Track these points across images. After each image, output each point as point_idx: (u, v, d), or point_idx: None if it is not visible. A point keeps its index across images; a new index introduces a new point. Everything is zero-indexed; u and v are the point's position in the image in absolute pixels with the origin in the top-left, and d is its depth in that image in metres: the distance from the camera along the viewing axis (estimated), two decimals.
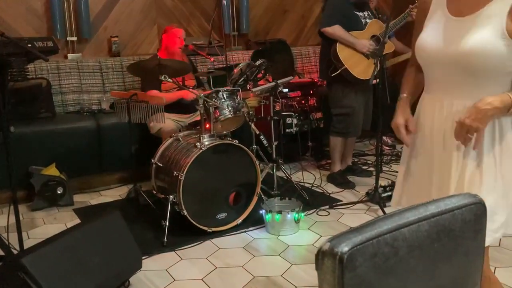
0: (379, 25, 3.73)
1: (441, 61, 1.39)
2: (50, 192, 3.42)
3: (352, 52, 3.59)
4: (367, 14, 3.75)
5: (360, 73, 3.59)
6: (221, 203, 2.98)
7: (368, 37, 3.66)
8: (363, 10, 3.74)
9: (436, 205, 0.77)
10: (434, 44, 1.40)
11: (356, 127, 3.77)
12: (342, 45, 3.59)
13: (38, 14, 4.15)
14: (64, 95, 4.10)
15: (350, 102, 3.71)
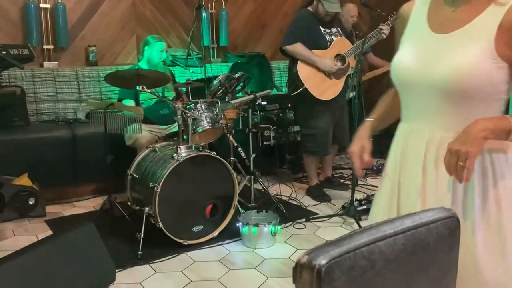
0: (345, 43, 3.65)
1: (421, 84, 1.18)
2: (21, 203, 3.33)
3: (314, 71, 3.54)
4: (335, 31, 3.68)
5: (321, 93, 3.53)
6: (198, 216, 2.95)
7: (332, 55, 3.59)
8: (332, 27, 3.67)
9: (412, 219, 0.78)
10: (413, 64, 1.21)
11: (324, 147, 3.71)
12: (303, 63, 3.54)
13: (13, 21, 4.08)
14: (39, 103, 4.02)
15: (316, 122, 3.66)
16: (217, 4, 4.95)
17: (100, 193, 3.84)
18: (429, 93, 1.17)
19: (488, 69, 1.11)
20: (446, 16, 1.20)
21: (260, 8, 5.25)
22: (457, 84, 1.13)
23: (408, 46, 1.25)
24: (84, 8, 4.34)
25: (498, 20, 1.11)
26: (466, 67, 1.12)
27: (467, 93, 1.13)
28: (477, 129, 1.07)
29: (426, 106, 1.20)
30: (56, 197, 3.73)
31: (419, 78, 1.19)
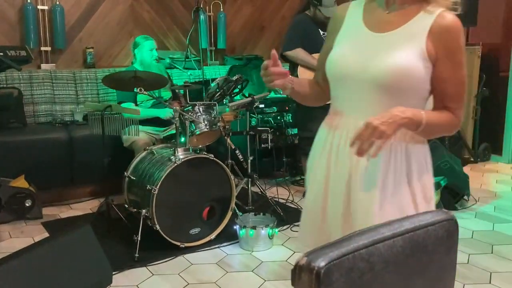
0: None
1: (358, 77, 1.28)
2: (18, 205, 3.32)
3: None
4: None
5: None
6: (195, 218, 2.94)
7: None
8: None
9: (411, 221, 0.79)
10: (352, 59, 1.31)
11: None
12: (303, 68, 3.55)
13: (11, 23, 4.07)
14: (36, 105, 4.01)
15: (314, 125, 3.65)
16: (215, 6, 4.96)
17: (97, 195, 3.82)
18: (366, 86, 1.27)
19: (419, 68, 1.24)
20: (381, 17, 1.32)
21: (258, 11, 5.25)
22: (393, 79, 1.23)
23: (346, 43, 1.35)
24: (82, 10, 4.34)
25: (428, 25, 1.25)
26: (401, 65, 1.23)
27: (401, 87, 1.24)
28: (399, 115, 1.17)
29: (362, 99, 1.30)
30: (53, 199, 3.71)
31: (357, 72, 1.28)
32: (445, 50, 1.24)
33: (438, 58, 1.25)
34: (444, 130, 1.34)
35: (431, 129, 1.26)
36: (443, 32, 1.24)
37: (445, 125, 1.29)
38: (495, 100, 4.91)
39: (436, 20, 1.25)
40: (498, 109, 4.91)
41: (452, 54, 1.25)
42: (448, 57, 1.24)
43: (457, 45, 1.25)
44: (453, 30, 1.24)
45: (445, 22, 1.24)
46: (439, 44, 1.24)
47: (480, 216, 3.47)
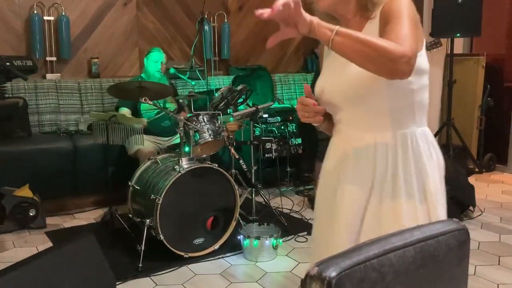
0: None
1: (336, 96, 1.32)
2: (22, 214, 3.31)
3: None
4: None
5: None
6: (199, 228, 2.93)
7: None
8: None
9: (421, 230, 0.78)
10: (328, 83, 1.35)
11: None
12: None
13: (17, 33, 4.10)
14: (41, 115, 4.03)
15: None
16: (220, 17, 4.99)
17: (101, 205, 3.82)
18: (344, 104, 1.31)
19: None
20: None
21: (262, 22, 5.27)
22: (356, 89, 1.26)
23: (324, 68, 1.41)
24: (88, 21, 4.37)
25: (376, 28, 1.24)
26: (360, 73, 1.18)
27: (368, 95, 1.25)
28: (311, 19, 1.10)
29: (344, 115, 1.35)
30: (57, 208, 3.71)
31: (332, 93, 1.32)
32: (385, 15, 1.21)
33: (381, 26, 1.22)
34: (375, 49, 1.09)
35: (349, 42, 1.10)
36: (384, 13, 1.23)
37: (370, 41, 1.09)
38: (499, 110, 4.90)
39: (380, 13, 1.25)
40: (503, 119, 4.90)
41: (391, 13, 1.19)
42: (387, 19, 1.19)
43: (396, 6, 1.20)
44: (390, 2, 1.22)
45: (384, 5, 1.23)
46: (382, 16, 1.22)
47: (486, 227, 3.44)
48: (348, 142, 1.35)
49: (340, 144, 1.38)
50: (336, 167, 1.37)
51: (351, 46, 1.10)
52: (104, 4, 4.41)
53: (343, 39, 1.09)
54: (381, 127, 1.29)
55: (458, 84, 4.66)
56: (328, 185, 1.40)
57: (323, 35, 1.10)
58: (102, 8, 4.41)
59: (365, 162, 1.30)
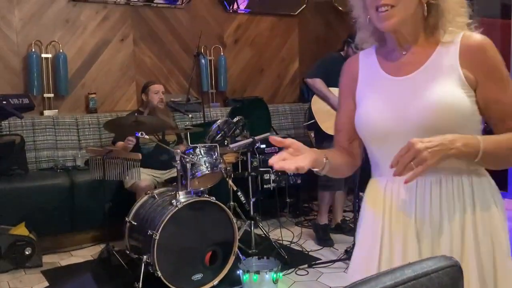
0: None
1: (399, 130, 1.15)
2: (18, 253, 3.27)
3: (327, 108, 3.63)
4: None
5: (329, 127, 3.61)
6: (197, 263, 2.88)
7: None
8: None
9: (413, 268, 0.76)
10: (386, 113, 1.17)
11: (338, 181, 3.69)
12: (318, 97, 3.68)
13: (15, 71, 4.15)
14: (38, 151, 4.03)
15: None
16: (216, 50, 5.06)
17: (98, 241, 3.77)
18: (410, 137, 1.08)
19: (462, 97, 1.13)
20: (399, 59, 1.21)
21: (258, 54, 5.35)
22: (438, 117, 1.12)
23: (372, 96, 1.22)
24: (85, 57, 4.43)
25: (456, 51, 1.14)
26: (443, 98, 1.12)
27: (449, 125, 1.11)
28: (448, 144, 1.05)
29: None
30: (53, 246, 3.66)
31: (396, 125, 1.15)
32: (484, 71, 1.13)
33: (479, 82, 1.14)
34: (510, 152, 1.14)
35: (495, 155, 1.11)
36: (475, 53, 1.14)
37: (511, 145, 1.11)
38: None
39: (462, 43, 1.15)
40: None
41: (492, 72, 1.14)
42: (489, 76, 1.13)
43: (494, 61, 1.14)
44: (484, 48, 1.14)
45: (472, 43, 1.14)
46: (476, 66, 1.13)
47: None
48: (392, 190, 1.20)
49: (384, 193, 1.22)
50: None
51: (495, 158, 1.13)
52: (101, 41, 4.48)
53: (485, 155, 1.09)
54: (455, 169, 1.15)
55: None
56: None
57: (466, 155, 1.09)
58: (99, 45, 4.48)
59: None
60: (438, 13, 1.15)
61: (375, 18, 1.15)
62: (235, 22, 5.18)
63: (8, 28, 4.10)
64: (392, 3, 1.11)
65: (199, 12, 4.95)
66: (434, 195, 1.17)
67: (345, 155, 1.31)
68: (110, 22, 4.52)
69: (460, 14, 1.17)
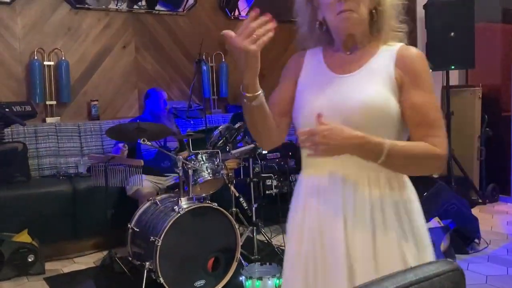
0: None
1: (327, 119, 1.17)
2: (20, 260, 3.27)
3: None
4: None
5: None
6: (199, 270, 2.88)
7: None
8: None
9: (414, 273, 0.76)
10: (322, 102, 1.25)
11: None
12: None
13: (18, 79, 4.17)
14: (41, 158, 4.04)
15: None
16: (217, 57, 5.08)
17: (101, 248, 3.76)
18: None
19: (390, 101, 1.22)
20: (343, 59, 1.31)
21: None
22: (367, 115, 1.19)
23: (310, 86, 1.31)
24: (87, 64, 4.45)
25: (394, 55, 1.26)
26: (373, 98, 1.21)
27: (374, 125, 1.19)
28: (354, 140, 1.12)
29: None
30: (56, 253, 3.66)
31: (330, 116, 1.18)
32: (410, 77, 1.23)
33: (404, 85, 1.23)
34: (422, 163, 1.19)
35: (401, 160, 1.15)
36: (408, 59, 1.25)
37: (422, 155, 1.17)
38: (499, 140, 4.89)
39: (400, 50, 1.27)
40: (503, 149, 4.89)
41: (417, 79, 1.22)
42: (413, 83, 1.22)
43: (422, 71, 1.24)
44: (416, 58, 1.25)
45: (409, 52, 1.26)
46: (405, 72, 1.23)
47: (493, 260, 3.37)
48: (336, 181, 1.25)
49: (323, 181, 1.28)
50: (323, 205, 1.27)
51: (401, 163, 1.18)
52: (103, 48, 4.51)
53: (389, 159, 1.14)
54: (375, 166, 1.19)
55: (456, 116, 4.68)
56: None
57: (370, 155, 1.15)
58: (101, 52, 4.50)
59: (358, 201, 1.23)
60: (383, 19, 1.27)
61: (337, 21, 1.25)
62: (236, 28, 5.16)
63: (10, 36, 4.13)
64: (353, 8, 1.22)
65: (200, 19, 4.97)
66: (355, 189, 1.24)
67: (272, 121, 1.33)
68: (112, 30, 4.54)
69: (399, 20, 1.30)
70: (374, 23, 1.27)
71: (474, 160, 4.86)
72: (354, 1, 1.22)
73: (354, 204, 1.23)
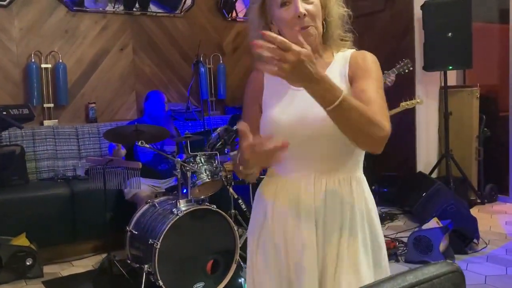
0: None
1: (302, 133, 1.25)
2: (18, 264, 3.25)
3: None
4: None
5: None
6: (198, 272, 2.87)
7: None
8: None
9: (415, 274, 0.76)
10: (290, 117, 1.28)
11: None
12: None
13: (15, 82, 4.16)
14: (38, 161, 4.03)
15: None
16: (215, 58, 5.07)
17: (99, 251, 3.75)
18: (307, 139, 1.26)
19: None
20: None
21: None
22: (333, 127, 1.16)
23: (276, 105, 1.33)
24: (85, 67, 4.44)
25: (347, 59, 1.32)
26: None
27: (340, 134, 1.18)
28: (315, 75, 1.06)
29: (307, 156, 1.29)
30: (54, 256, 3.64)
31: (299, 128, 1.26)
32: (361, 70, 1.29)
33: (356, 77, 1.28)
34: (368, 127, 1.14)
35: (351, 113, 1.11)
36: (360, 58, 1.32)
37: (370, 118, 1.14)
38: (497, 140, 4.90)
39: (353, 52, 1.35)
40: (501, 149, 4.89)
41: (366, 72, 1.28)
42: (363, 75, 1.28)
43: (374, 67, 1.30)
44: (368, 57, 1.32)
45: (362, 53, 1.34)
46: (357, 66, 1.30)
47: (492, 260, 3.37)
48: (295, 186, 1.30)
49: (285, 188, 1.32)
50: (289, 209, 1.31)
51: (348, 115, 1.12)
52: (101, 50, 4.50)
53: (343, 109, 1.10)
54: (332, 170, 1.29)
55: (454, 116, 4.68)
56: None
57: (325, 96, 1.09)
58: (99, 54, 4.49)
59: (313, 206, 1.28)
60: (331, 29, 1.34)
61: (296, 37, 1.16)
62: (234, 30, 5.20)
63: (7, 38, 4.12)
64: (311, 23, 1.27)
65: (198, 20, 4.97)
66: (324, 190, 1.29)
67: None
68: (109, 32, 4.54)
69: (346, 29, 1.37)
70: (324, 33, 1.33)
71: (472, 160, 4.86)
72: (311, 16, 1.26)
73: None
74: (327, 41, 1.35)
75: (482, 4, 4.94)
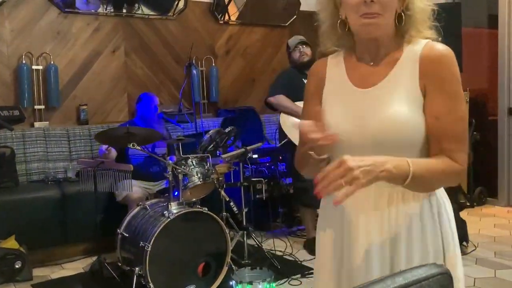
0: None
1: (356, 140, 1.16)
2: (7, 267, 3.22)
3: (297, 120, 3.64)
4: None
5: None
6: (189, 275, 2.87)
7: None
8: None
9: (404, 276, 0.77)
10: (346, 122, 1.19)
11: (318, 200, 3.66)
12: (286, 115, 3.62)
13: (6, 83, 4.13)
14: (29, 163, 4.00)
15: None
16: (207, 61, 5.08)
17: (90, 253, 3.73)
18: (366, 148, 1.12)
19: (417, 115, 1.13)
20: (366, 70, 1.22)
21: (249, 65, 5.38)
22: (391, 133, 1.12)
23: (335, 105, 1.24)
24: (76, 69, 4.42)
25: (417, 61, 1.16)
26: (397, 115, 1.12)
27: (402, 141, 1.12)
28: (381, 167, 1.02)
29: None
30: (44, 259, 3.62)
31: (355, 137, 1.16)
32: (436, 81, 1.13)
33: (427, 92, 1.13)
34: (442, 180, 1.15)
35: (423, 181, 1.09)
36: (432, 62, 1.14)
37: (442, 174, 1.11)
38: (486, 144, 4.95)
39: (423, 53, 1.16)
40: (490, 152, 4.95)
41: (443, 84, 1.13)
42: (440, 88, 1.13)
43: (450, 74, 1.14)
44: (444, 59, 1.15)
45: (433, 53, 1.16)
46: (430, 76, 1.14)
47: (481, 262, 3.40)
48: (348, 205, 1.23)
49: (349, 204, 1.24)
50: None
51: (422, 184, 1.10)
52: (93, 52, 4.49)
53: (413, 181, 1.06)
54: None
55: None
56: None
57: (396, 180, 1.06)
58: (90, 56, 4.48)
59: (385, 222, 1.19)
60: (410, 24, 1.18)
61: (359, 25, 1.15)
62: (226, 33, 5.21)
63: None
64: (380, 11, 1.12)
65: (190, 23, 4.97)
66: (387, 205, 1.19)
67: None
68: (102, 34, 4.53)
69: (428, 26, 1.21)
70: (401, 28, 1.19)
71: None
72: (380, 4, 1.12)
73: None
74: (402, 36, 1.20)
75: (472, 10, 5.00)
